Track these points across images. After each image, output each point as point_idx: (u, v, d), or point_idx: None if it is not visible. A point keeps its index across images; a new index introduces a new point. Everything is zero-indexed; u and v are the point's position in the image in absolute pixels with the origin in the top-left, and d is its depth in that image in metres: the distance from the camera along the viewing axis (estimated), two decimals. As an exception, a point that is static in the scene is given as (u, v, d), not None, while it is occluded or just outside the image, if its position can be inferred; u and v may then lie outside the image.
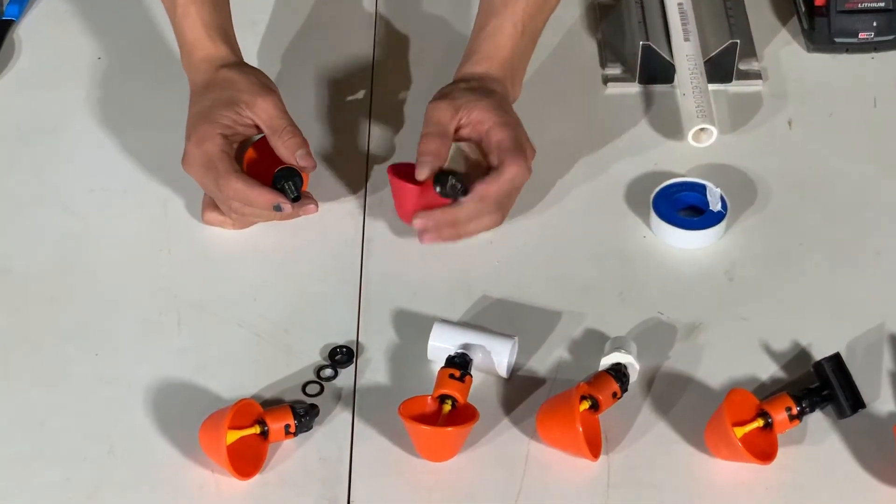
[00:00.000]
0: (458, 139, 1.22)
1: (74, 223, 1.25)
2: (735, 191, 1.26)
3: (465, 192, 1.17)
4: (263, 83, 1.23)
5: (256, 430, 1.08)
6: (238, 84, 1.22)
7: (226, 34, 1.26)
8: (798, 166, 1.30)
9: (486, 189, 1.18)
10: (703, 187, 1.25)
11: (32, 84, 1.39)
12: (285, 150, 1.20)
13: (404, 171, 1.21)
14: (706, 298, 1.19)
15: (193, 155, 1.19)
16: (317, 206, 1.20)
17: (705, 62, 1.35)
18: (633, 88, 1.37)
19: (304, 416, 1.09)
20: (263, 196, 1.18)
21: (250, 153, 1.24)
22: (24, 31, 1.43)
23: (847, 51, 1.39)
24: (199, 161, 1.19)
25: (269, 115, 1.21)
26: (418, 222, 1.18)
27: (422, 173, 1.18)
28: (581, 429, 1.06)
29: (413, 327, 1.16)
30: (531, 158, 1.21)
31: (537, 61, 1.31)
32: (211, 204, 1.23)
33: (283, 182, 1.19)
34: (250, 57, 1.34)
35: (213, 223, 1.23)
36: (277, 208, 1.18)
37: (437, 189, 1.17)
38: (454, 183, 1.17)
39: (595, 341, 1.15)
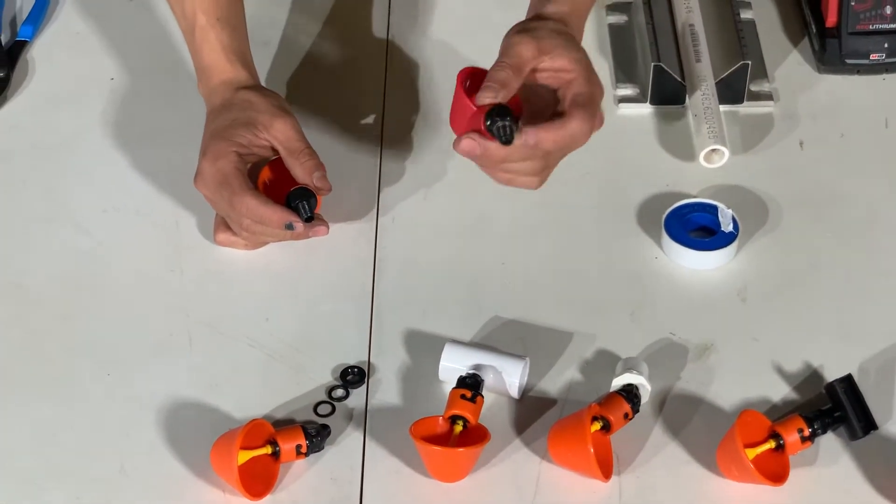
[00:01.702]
0: (532, 80, 1.14)
1: (87, 241, 1.25)
2: (747, 211, 1.25)
3: (510, 140, 1.09)
4: (281, 105, 1.23)
5: (268, 450, 1.07)
6: (256, 105, 1.22)
7: (244, 57, 1.27)
8: (810, 187, 1.29)
9: (545, 136, 1.10)
10: (715, 208, 1.25)
11: (46, 103, 1.39)
12: (302, 171, 1.20)
13: (474, 80, 1.14)
14: (718, 319, 1.19)
15: (207, 172, 1.19)
16: (327, 228, 1.20)
17: (717, 83, 1.34)
18: (645, 109, 1.37)
19: (316, 436, 1.08)
20: (277, 214, 1.18)
21: (265, 173, 1.24)
22: (38, 51, 1.44)
23: (858, 72, 1.39)
24: (213, 178, 1.19)
25: (286, 137, 1.21)
26: (466, 143, 1.10)
27: (483, 97, 1.11)
28: (592, 450, 1.05)
29: (424, 348, 1.16)
30: (598, 127, 1.14)
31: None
32: (223, 224, 1.22)
33: (297, 201, 1.19)
34: (261, 76, 1.34)
35: (224, 244, 1.23)
36: (289, 227, 1.18)
37: (487, 123, 1.09)
38: (503, 125, 1.08)
39: (606, 362, 1.15)
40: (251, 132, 1.21)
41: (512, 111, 1.09)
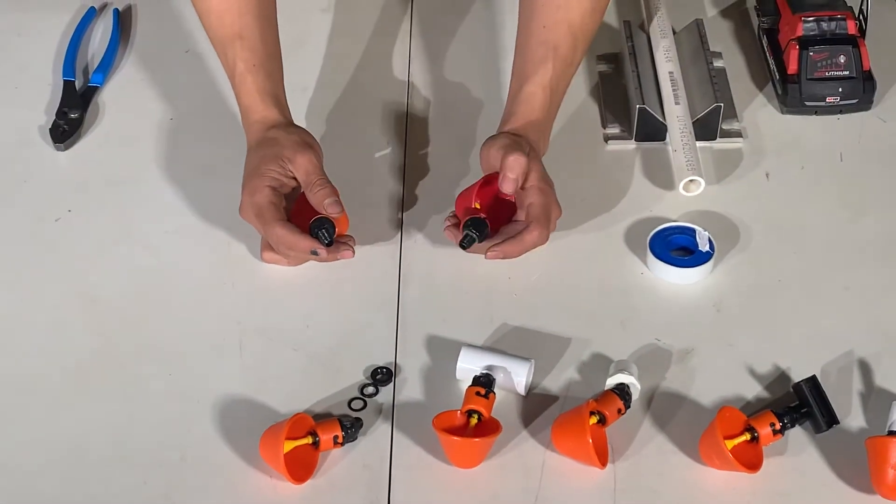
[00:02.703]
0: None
1: (152, 260, 1.24)
2: (721, 234, 1.24)
3: (464, 248, 1.17)
4: (305, 141, 1.22)
5: (309, 440, 1.06)
6: (282, 142, 1.21)
7: (277, 99, 1.25)
8: (775, 212, 1.28)
9: (508, 250, 1.17)
10: (693, 230, 1.23)
11: (115, 140, 1.37)
12: (315, 200, 1.19)
13: (487, 183, 1.21)
14: (697, 327, 1.17)
15: (247, 204, 1.19)
16: (353, 251, 1.19)
17: (693, 122, 1.33)
18: (631, 145, 1.35)
19: (350, 428, 1.07)
20: (302, 242, 1.17)
21: (297, 203, 1.22)
22: (108, 95, 1.42)
23: (816, 113, 1.37)
24: (251, 210, 1.18)
25: (304, 170, 1.19)
26: (490, 254, 1.18)
27: (505, 187, 1.20)
28: (591, 440, 1.04)
29: (444, 350, 1.15)
30: (556, 219, 1.20)
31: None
32: (268, 245, 1.21)
33: (316, 230, 1.17)
34: (299, 116, 1.33)
35: (270, 261, 1.22)
36: (315, 253, 1.17)
37: (462, 224, 1.18)
38: (466, 234, 1.17)
39: (601, 364, 1.14)
40: (279, 166, 1.19)
41: (486, 225, 1.17)
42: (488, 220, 1.18)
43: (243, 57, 1.24)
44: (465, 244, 1.18)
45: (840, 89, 1.36)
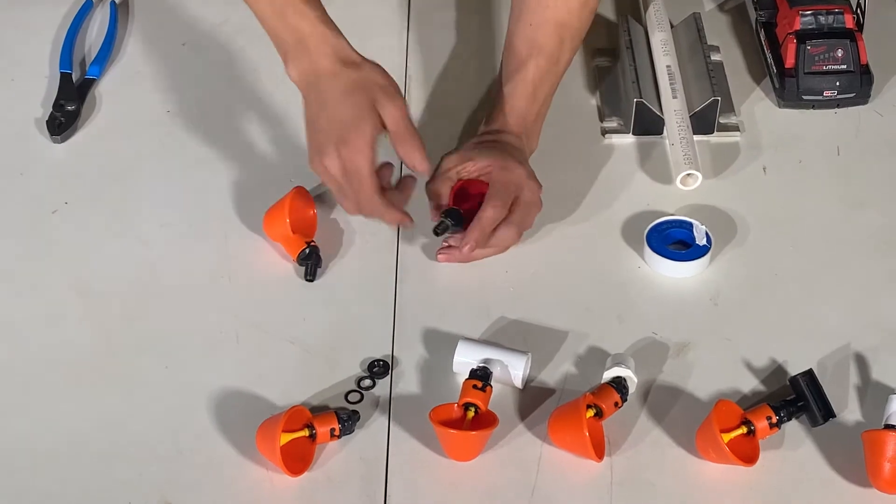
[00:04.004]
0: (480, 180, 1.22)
1: (148, 253, 1.24)
2: (718, 228, 1.24)
3: (437, 234, 1.19)
4: (392, 84, 1.17)
5: (306, 433, 1.06)
6: (370, 87, 1.15)
7: (339, 29, 1.18)
8: (772, 206, 1.28)
9: (470, 235, 1.18)
10: (690, 224, 1.23)
11: (112, 133, 1.37)
12: (405, 152, 1.16)
13: (468, 187, 1.22)
14: (694, 321, 1.17)
15: (334, 159, 1.14)
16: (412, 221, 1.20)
17: (691, 116, 1.33)
18: (628, 139, 1.35)
19: (347, 420, 1.07)
20: (392, 214, 1.17)
21: (293, 201, 1.22)
22: (104, 87, 1.42)
23: (813, 107, 1.37)
24: (340, 167, 1.14)
25: (394, 120, 1.15)
26: (441, 258, 1.21)
27: (432, 214, 1.21)
28: (587, 433, 1.04)
29: (441, 344, 1.15)
30: (536, 192, 1.19)
31: (546, 116, 1.29)
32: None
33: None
34: (296, 111, 1.33)
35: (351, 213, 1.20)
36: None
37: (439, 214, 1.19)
38: (439, 222, 1.18)
39: (598, 357, 1.13)
40: (375, 119, 1.14)
41: (460, 215, 1.19)
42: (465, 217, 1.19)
43: None
44: (438, 231, 1.18)
45: (837, 83, 1.36)
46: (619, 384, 1.09)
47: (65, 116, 1.37)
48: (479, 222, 1.18)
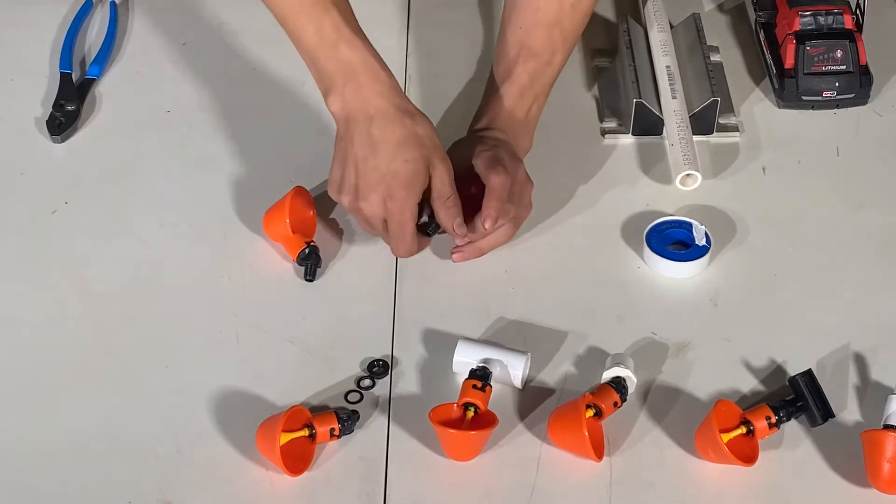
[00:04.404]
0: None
1: (148, 253, 1.24)
2: (717, 228, 1.24)
3: (438, 227, 1.19)
4: (441, 145, 1.17)
5: (305, 432, 1.06)
6: (427, 143, 1.15)
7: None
8: (772, 207, 1.28)
9: (489, 209, 1.17)
10: (690, 225, 1.23)
11: (111, 133, 1.37)
12: (445, 216, 1.17)
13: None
14: (693, 321, 1.17)
15: (378, 202, 1.15)
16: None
17: (690, 117, 1.33)
18: (628, 139, 1.35)
19: (347, 420, 1.07)
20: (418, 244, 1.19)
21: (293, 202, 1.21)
22: (104, 87, 1.42)
23: (813, 107, 1.37)
24: (381, 210, 1.15)
25: (442, 181, 1.15)
26: (456, 258, 1.20)
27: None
28: (587, 433, 1.04)
29: (440, 344, 1.15)
30: (514, 171, 1.19)
31: (544, 116, 1.29)
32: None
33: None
34: (297, 111, 1.33)
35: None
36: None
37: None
38: (433, 224, 1.18)
39: (597, 357, 1.13)
40: (424, 177, 1.15)
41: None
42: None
43: (346, 24, 1.15)
44: (430, 231, 1.18)
45: (837, 84, 1.36)
46: (618, 384, 1.09)
47: (65, 116, 1.37)
48: (490, 199, 1.16)
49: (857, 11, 1.40)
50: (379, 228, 1.18)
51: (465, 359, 1.12)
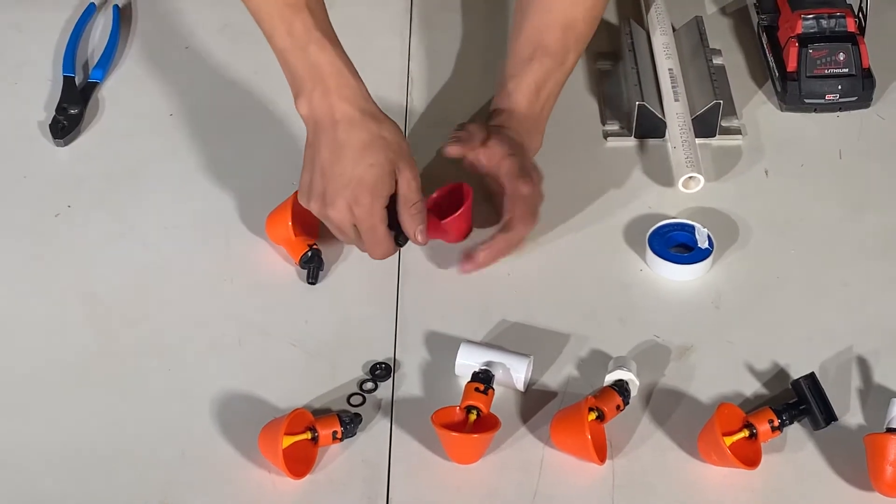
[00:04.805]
0: (477, 170, 1.22)
1: (151, 256, 1.24)
2: (720, 231, 1.24)
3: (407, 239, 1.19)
4: (407, 147, 1.17)
5: (308, 435, 1.06)
6: (392, 146, 1.14)
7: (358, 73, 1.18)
8: (774, 209, 1.28)
9: (512, 226, 1.18)
10: (692, 227, 1.23)
11: (114, 136, 1.37)
12: (408, 220, 1.16)
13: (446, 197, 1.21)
14: (696, 324, 1.17)
15: (343, 205, 1.14)
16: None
17: (693, 119, 1.33)
18: (630, 142, 1.35)
19: (349, 423, 1.07)
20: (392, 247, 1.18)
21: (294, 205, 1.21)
22: (107, 91, 1.42)
23: (815, 110, 1.37)
24: (349, 221, 1.15)
25: (408, 185, 1.15)
26: (466, 268, 1.20)
27: (450, 150, 1.21)
28: (589, 436, 1.04)
29: (443, 347, 1.14)
30: (538, 181, 1.20)
31: (549, 118, 1.29)
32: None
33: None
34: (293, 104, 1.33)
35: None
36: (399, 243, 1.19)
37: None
38: (403, 235, 1.18)
39: (600, 360, 1.13)
40: (391, 179, 1.14)
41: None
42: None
43: (317, 27, 1.15)
44: (400, 242, 1.18)
45: (839, 87, 1.36)
46: (621, 387, 1.09)
47: (68, 120, 1.37)
48: (516, 205, 1.18)
49: (860, 14, 1.39)
50: (351, 234, 1.17)
51: (468, 362, 1.11)
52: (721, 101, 1.33)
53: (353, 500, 1.04)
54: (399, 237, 1.18)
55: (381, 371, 1.13)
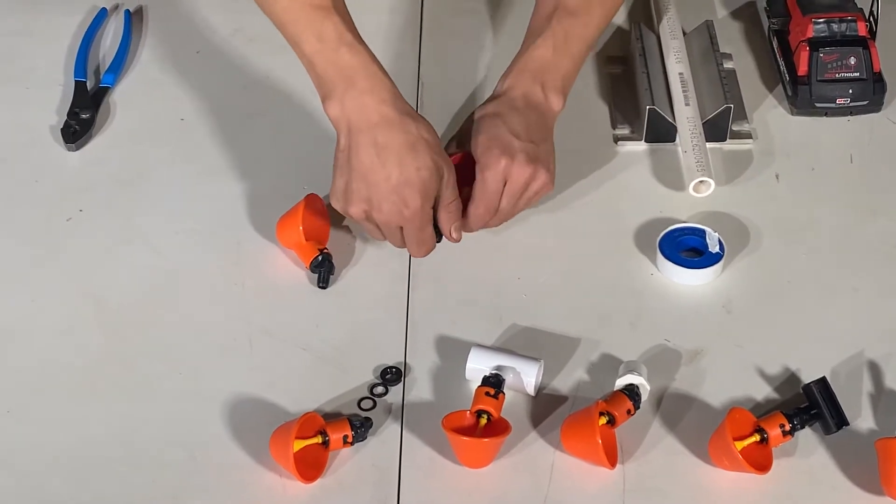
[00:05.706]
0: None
1: (161, 260, 1.24)
2: (731, 235, 1.23)
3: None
4: (443, 152, 1.16)
5: (319, 439, 1.06)
6: (434, 148, 1.14)
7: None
8: (785, 214, 1.27)
9: (475, 212, 1.18)
10: (703, 232, 1.23)
11: (125, 140, 1.37)
12: (446, 218, 1.16)
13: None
14: (707, 328, 1.17)
15: (394, 205, 1.13)
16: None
17: (703, 124, 1.32)
18: (641, 146, 1.35)
19: (360, 427, 1.07)
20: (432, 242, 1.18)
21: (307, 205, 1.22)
22: (119, 96, 1.42)
23: (826, 114, 1.37)
24: (395, 222, 1.15)
25: (449, 186, 1.15)
26: (457, 236, 1.19)
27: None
28: (600, 441, 1.04)
29: (453, 351, 1.14)
30: (524, 174, 1.17)
31: (557, 123, 1.28)
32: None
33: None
34: (311, 119, 1.33)
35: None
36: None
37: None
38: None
39: (610, 364, 1.13)
40: (437, 181, 1.14)
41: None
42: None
43: (348, 30, 1.14)
44: (437, 239, 1.18)
45: (850, 91, 1.35)
46: (631, 391, 1.08)
47: (79, 124, 1.37)
48: (482, 195, 1.17)
49: (871, 18, 1.39)
50: (396, 236, 1.18)
51: (478, 366, 1.11)
52: (732, 106, 1.33)
53: (364, 504, 1.04)
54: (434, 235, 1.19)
55: (391, 375, 1.13)
